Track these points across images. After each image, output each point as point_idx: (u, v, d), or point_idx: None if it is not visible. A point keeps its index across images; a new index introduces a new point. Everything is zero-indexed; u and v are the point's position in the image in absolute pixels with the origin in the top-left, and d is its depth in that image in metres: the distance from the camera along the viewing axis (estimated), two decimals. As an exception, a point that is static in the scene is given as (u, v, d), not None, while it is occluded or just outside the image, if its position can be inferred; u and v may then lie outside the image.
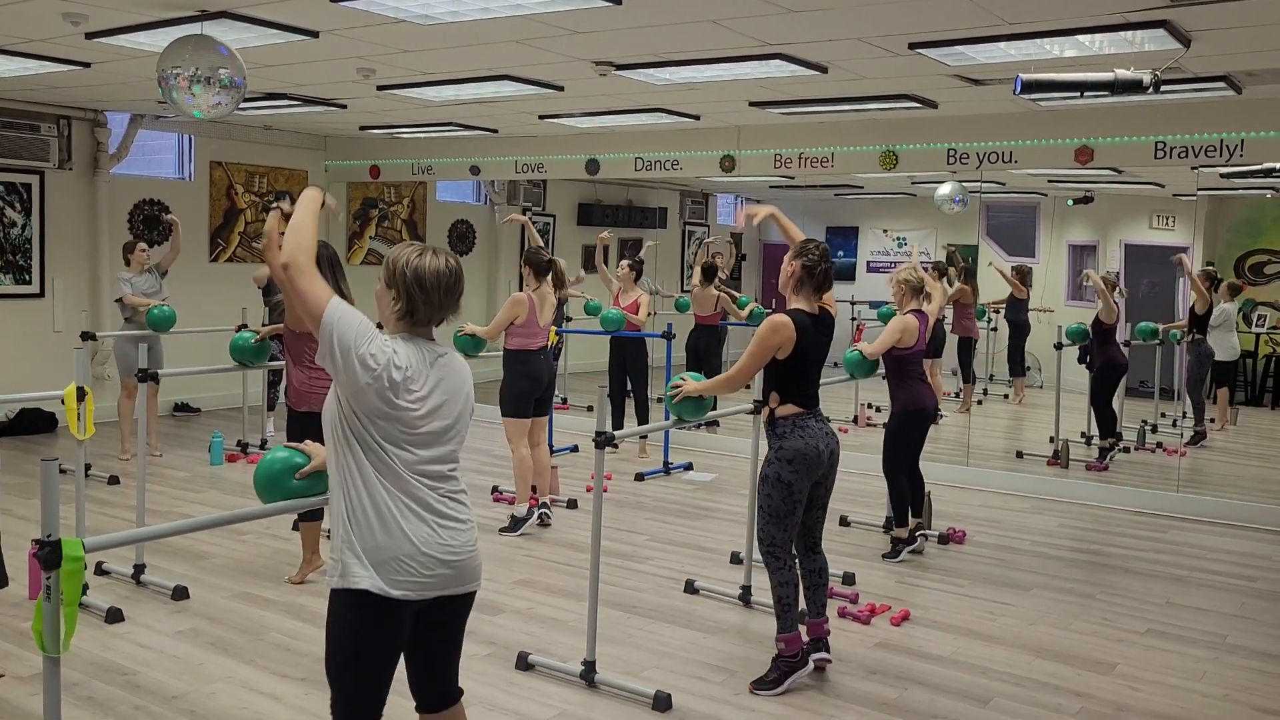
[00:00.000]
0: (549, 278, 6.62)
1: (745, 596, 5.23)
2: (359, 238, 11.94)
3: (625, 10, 4.85)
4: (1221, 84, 6.27)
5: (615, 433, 4.26)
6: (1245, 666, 4.63)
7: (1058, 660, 4.64)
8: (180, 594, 5.13)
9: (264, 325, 8.44)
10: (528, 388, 6.53)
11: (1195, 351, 9.56)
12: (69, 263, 9.59)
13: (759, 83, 6.83)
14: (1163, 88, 5.02)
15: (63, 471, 8.64)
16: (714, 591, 5.40)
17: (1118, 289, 9.04)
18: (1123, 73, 5.04)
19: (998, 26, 5.05)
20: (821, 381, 4.29)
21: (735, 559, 5.93)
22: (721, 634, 4.87)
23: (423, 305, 2.62)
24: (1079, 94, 5.23)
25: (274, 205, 4.41)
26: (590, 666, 4.23)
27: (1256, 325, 12.00)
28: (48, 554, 2.50)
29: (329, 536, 5.49)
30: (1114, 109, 7.28)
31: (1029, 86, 5.11)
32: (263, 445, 8.73)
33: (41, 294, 9.44)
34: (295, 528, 5.85)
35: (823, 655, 4.31)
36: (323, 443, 5.39)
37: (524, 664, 4.38)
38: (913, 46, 5.52)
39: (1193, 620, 5.21)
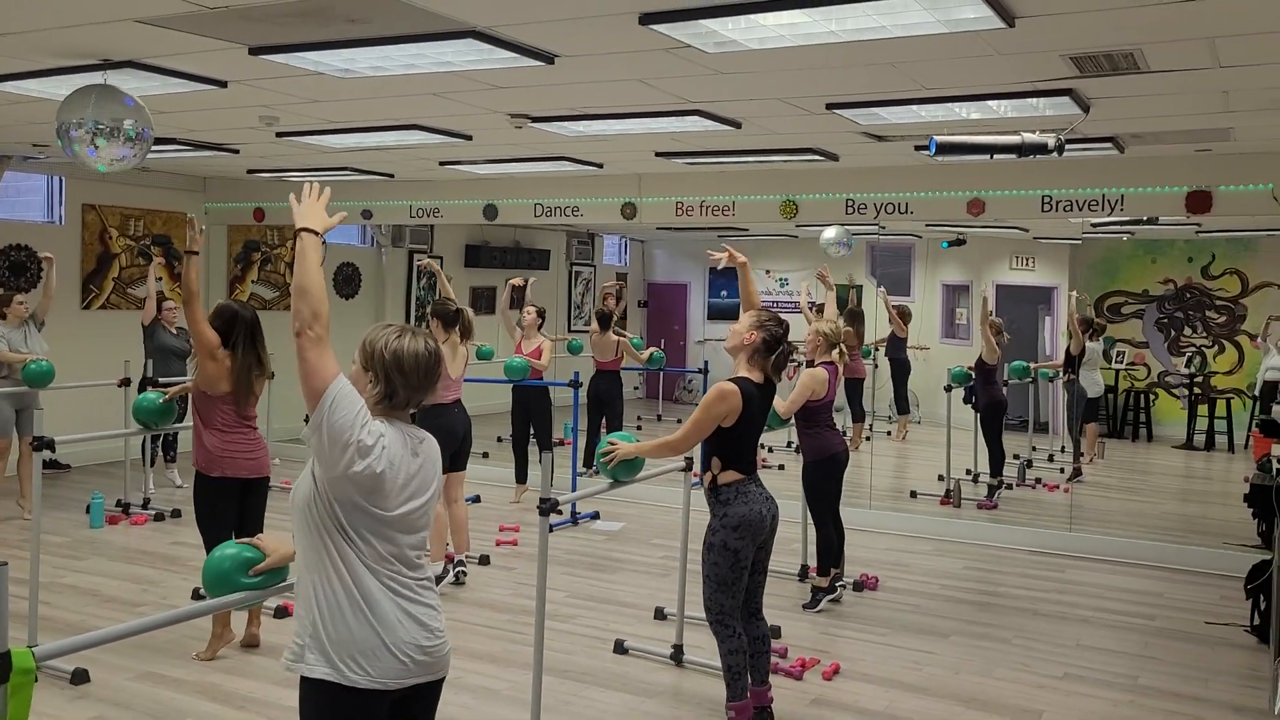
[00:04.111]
0: (457, 328, 6.52)
1: (677, 656, 5.19)
2: (241, 282, 11.51)
3: (555, 68, 4.82)
4: (1108, 144, 6.62)
5: (559, 497, 4.18)
6: (1160, 709, 4.81)
7: (987, 710, 4.74)
8: (80, 678, 4.78)
9: (149, 375, 8.06)
10: (442, 442, 6.32)
11: (1071, 391, 10.01)
12: (-73, 312, 8.94)
13: (669, 135, 6.88)
14: (1054, 148, 5.27)
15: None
16: (644, 651, 5.33)
17: (1002, 332, 9.42)
18: (1029, 136, 5.28)
19: (915, 91, 5.21)
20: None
21: (660, 614, 5.89)
22: (659, 696, 4.81)
23: (402, 389, 2.57)
24: (988, 155, 5.46)
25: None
26: (535, 741, 4.12)
27: (1116, 361, 12.72)
28: (-5, 670, 2.30)
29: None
30: (1004, 165, 7.58)
31: (943, 149, 5.30)
32: (145, 505, 8.28)
33: (-103, 346, 8.77)
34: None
35: None
36: (230, 516, 5.07)
37: (464, 740, 4.24)
38: (830, 106, 5.65)
39: (1104, 662, 5.40)
